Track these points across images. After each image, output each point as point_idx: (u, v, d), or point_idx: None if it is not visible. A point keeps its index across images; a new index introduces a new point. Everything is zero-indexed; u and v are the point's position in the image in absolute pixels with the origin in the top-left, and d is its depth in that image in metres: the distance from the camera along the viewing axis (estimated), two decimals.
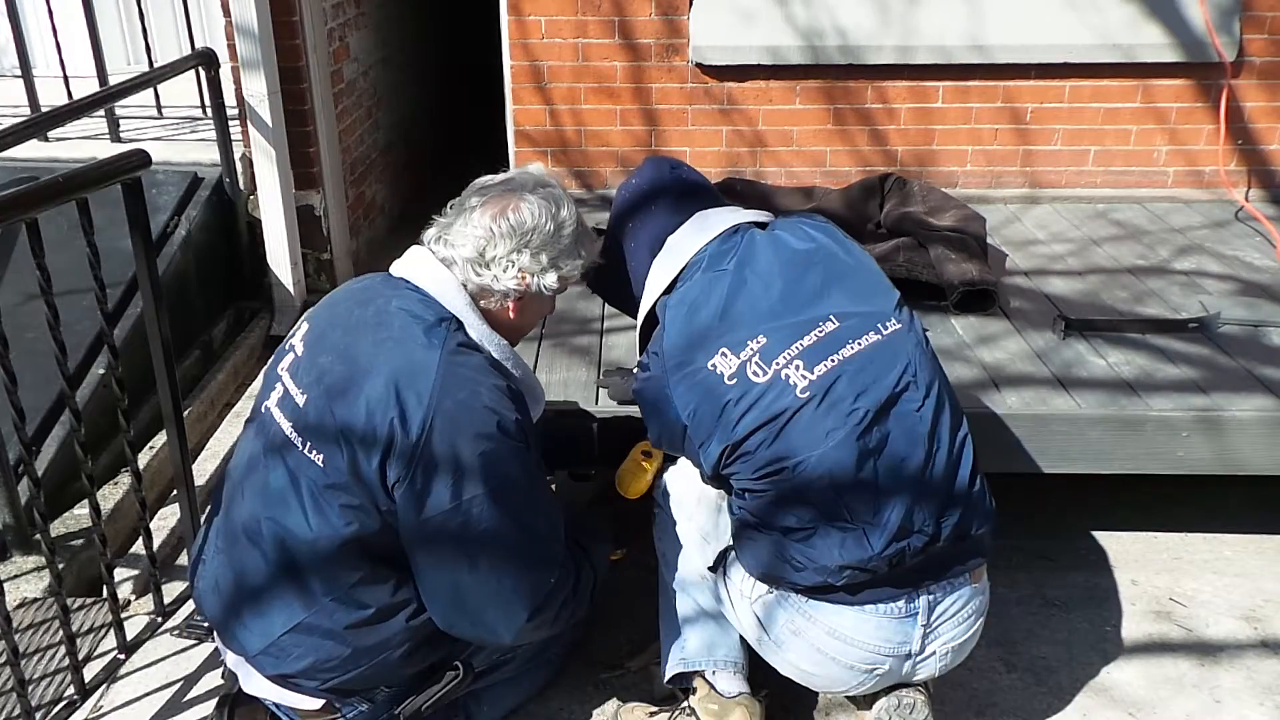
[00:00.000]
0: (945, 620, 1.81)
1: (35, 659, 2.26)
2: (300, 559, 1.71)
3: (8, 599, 2.02)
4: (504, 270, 1.80)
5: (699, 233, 1.93)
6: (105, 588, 2.24)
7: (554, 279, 1.84)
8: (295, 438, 1.72)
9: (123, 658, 2.26)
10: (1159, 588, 2.49)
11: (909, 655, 1.81)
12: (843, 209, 3.33)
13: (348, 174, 4.23)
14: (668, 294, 1.91)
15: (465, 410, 1.66)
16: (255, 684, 1.83)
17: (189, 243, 3.51)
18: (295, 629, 1.74)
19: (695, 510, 1.99)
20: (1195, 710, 2.12)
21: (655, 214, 2.00)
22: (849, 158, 3.93)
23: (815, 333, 1.76)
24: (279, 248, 3.79)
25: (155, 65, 3.88)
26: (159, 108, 4.23)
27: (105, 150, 3.27)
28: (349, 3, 4.31)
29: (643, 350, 2.00)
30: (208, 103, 3.71)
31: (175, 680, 2.19)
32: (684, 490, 2.02)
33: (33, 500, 2.09)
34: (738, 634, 1.98)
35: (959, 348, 2.67)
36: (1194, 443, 2.35)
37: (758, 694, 1.96)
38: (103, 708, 2.13)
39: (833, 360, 1.73)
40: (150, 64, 4.01)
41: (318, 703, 1.81)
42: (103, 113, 3.77)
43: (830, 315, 1.78)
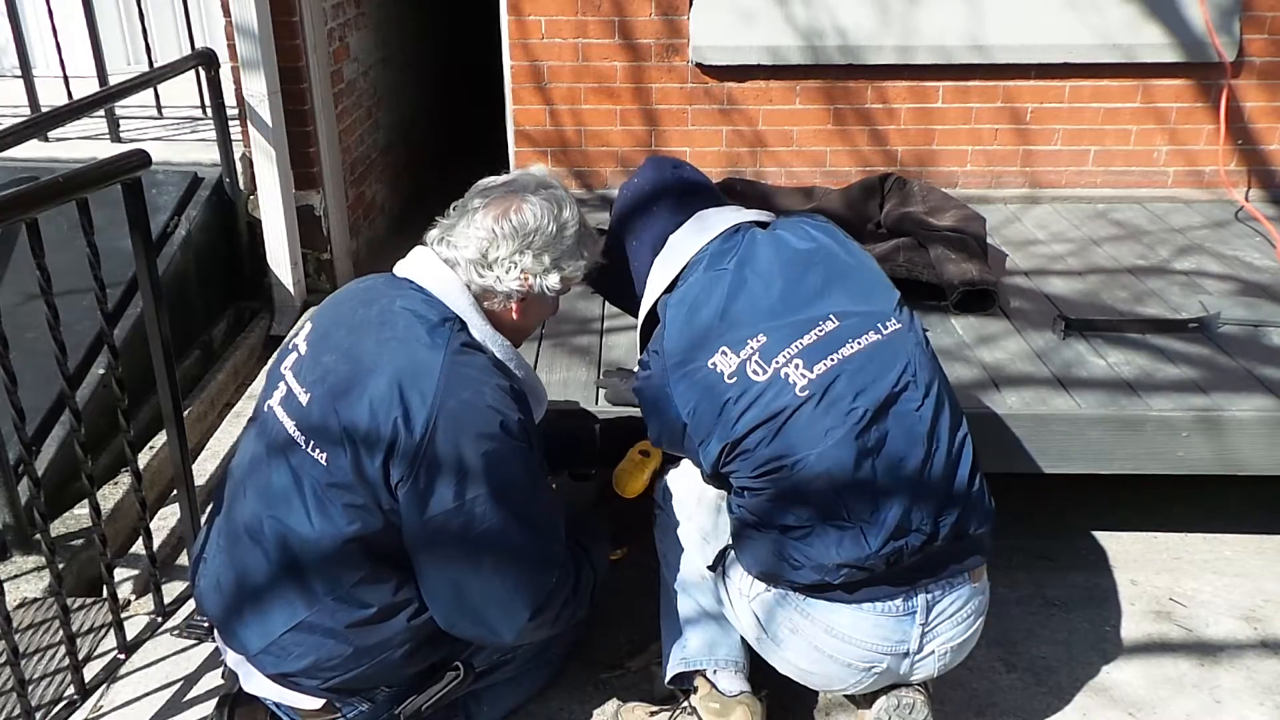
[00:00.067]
0: (944, 620, 1.81)
1: (35, 659, 2.26)
2: (302, 558, 1.71)
3: (8, 599, 2.02)
4: (507, 271, 1.81)
5: (700, 232, 1.93)
6: (105, 588, 2.24)
7: (556, 280, 1.84)
8: (298, 437, 1.73)
9: (123, 658, 2.26)
10: (1159, 588, 2.49)
11: (907, 654, 1.81)
12: (843, 209, 3.33)
13: (348, 174, 4.23)
14: (668, 293, 1.92)
15: (469, 410, 1.66)
16: (255, 683, 1.83)
17: (189, 243, 3.51)
18: (296, 628, 1.74)
19: (695, 510, 2.00)
20: (1195, 710, 2.12)
21: (657, 213, 2.00)
22: (849, 158, 3.93)
23: (815, 332, 1.76)
24: (279, 248, 3.79)
25: (155, 65, 3.88)
26: (159, 108, 4.23)
27: (105, 150, 3.28)
28: (349, 3, 4.31)
29: (643, 349, 2.00)
30: (208, 103, 3.71)
31: (175, 680, 2.19)
32: (684, 491, 2.02)
33: (33, 500, 2.09)
34: (739, 634, 1.98)
35: (959, 348, 2.67)
36: (1194, 443, 2.35)
37: (758, 693, 1.96)
38: (103, 708, 2.13)
39: (832, 359, 1.74)
40: (150, 64, 4.01)
41: (318, 702, 1.81)
42: (103, 113, 3.77)
43: (830, 314, 1.78)
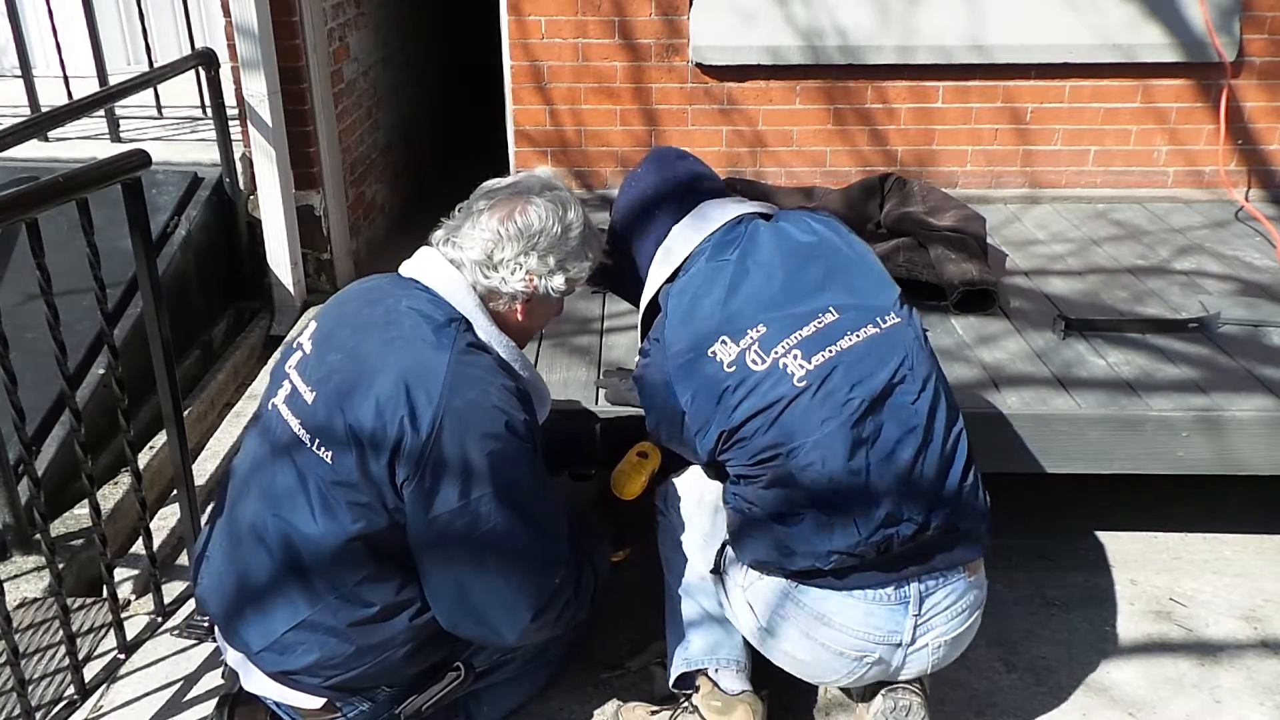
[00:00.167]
0: (938, 613, 1.81)
1: (35, 659, 2.26)
2: (306, 557, 1.72)
3: (8, 599, 2.02)
4: (512, 272, 1.81)
5: (703, 223, 1.95)
6: (105, 588, 2.24)
7: (561, 281, 1.85)
8: (304, 435, 1.73)
9: (123, 658, 2.26)
10: (1159, 588, 2.49)
11: (900, 644, 1.81)
12: (843, 209, 3.33)
13: (348, 174, 4.23)
14: (670, 283, 1.93)
15: (475, 410, 1.67)
16: (256, 682, 1.83)
17: (189, 243, 3.51)
18: (299, 626, 1.74)
19: (695, 513, 2.00)
20: (1195, 710, 2.12)
21: (661, 204, 2.01)
22: (849, 158, 3.93)
23: (814, 323, 1.78)
24: (279, 248, 3.79)
25: (155, 65, 3.89)
26: (159, 108, 4.24)
27: (105, 150, 3.28)
28: (349, 3, 4.31)
29: (644, 338, 2.01)
30: (208, 103, 3.71)
31: (175, 680, 2.19)
32: (687, 496, 2.04)
33: (33, 500, 2.09)
34: (741, 636, 1.98)
35: (959, 348, 2.67)
36: (1194, 443, 2.35)
37: (759, 693, 1.96)
38: (103, 708, 2.13)
39: (830, 351, 1.76)
40: (150, 64, 4.01)
41: (319, 701, 1.81)
42: (103, 113, 3.78)
43: (830, 307, 1.80)
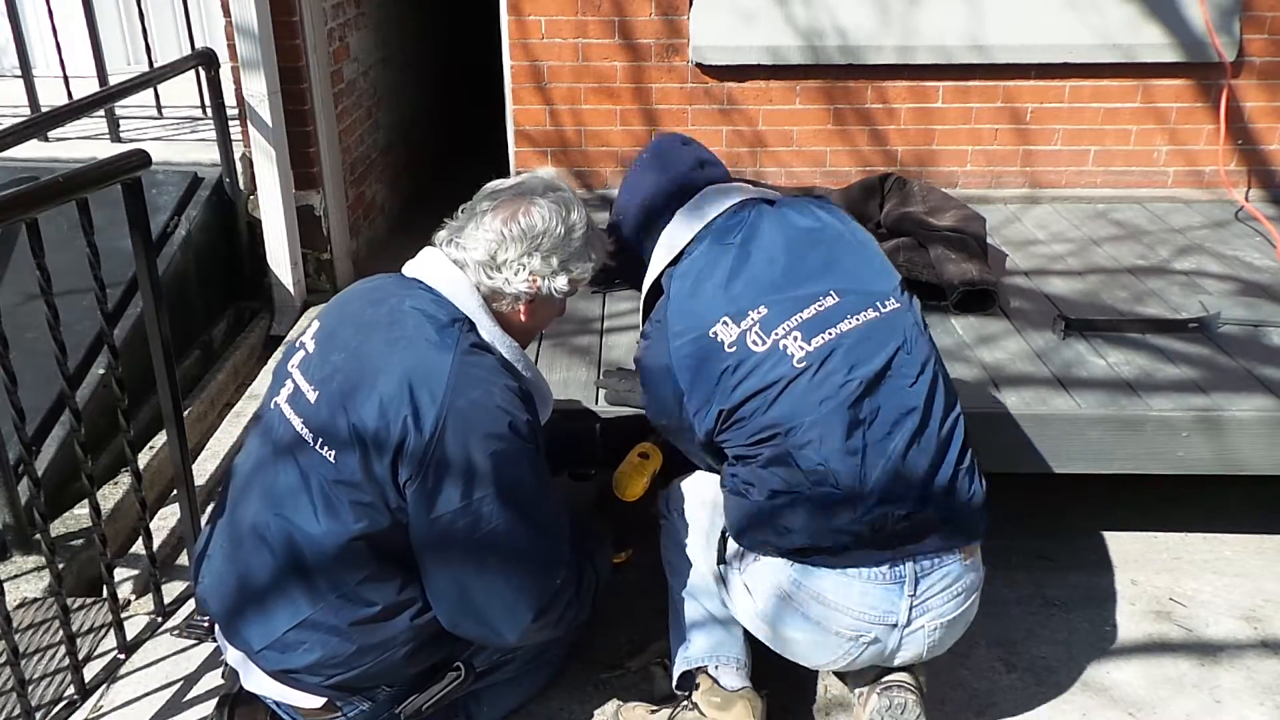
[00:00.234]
0: (933, 595, 1.82)
1: (35, 659, 2.26)
2: (308, 556, 1.72)
3: (8, 599, 2.02)
4: (515, 273, 1.82)
5: (707, 207, 1.97)
6: (105, 588, 2.24)
7: (565, 282, 1.85)
8: (307, 435, 1.73)
9: (123, 658, 2.26)
10: (1159, 588, 2.49)
11: (895, 625, 1.81)
12: (843, 208, 3.33)
13: (348, 174, 4.23)
14: (673, 265, 1.95)
15: (478, 410, 1.67)
16: (256, 681, 1.84)
17: (189, 243, 3.51)
18: (300, 625, 1.74)
19: (699, 514, 2.01)
20: (1195, 710, 2.12)
21: (665, 188, 2.02)
22: (849, 158, 3.93)
23: (815, 306, 1.80)
24: (279, 248, 3.79)
25: (155, 65, 3.89)
26: (159, 108, 4.24)
27: (105, 150, 3.28)
28: (349, 3, 4.31)
29: (645, 321, 2.03)
30: (208, 103, 3.71)
31: (175, 680, 2.19)
32: (689, 496, 2.05)
33: (33, 500, 2.09)
34: (742, 635, 1.99)
35: (959, 348, 2.67)
36: (1194, 443, 2.35)
37: (759, 691, 1.96)
38: (103, 708, 2.13)
39: (830, 333, 1.78)
40: (150, 64, 4.01)
41: (319, 701, 1.81)
42: (103, 113, 3.78)
43: (831, 291, 1.82)
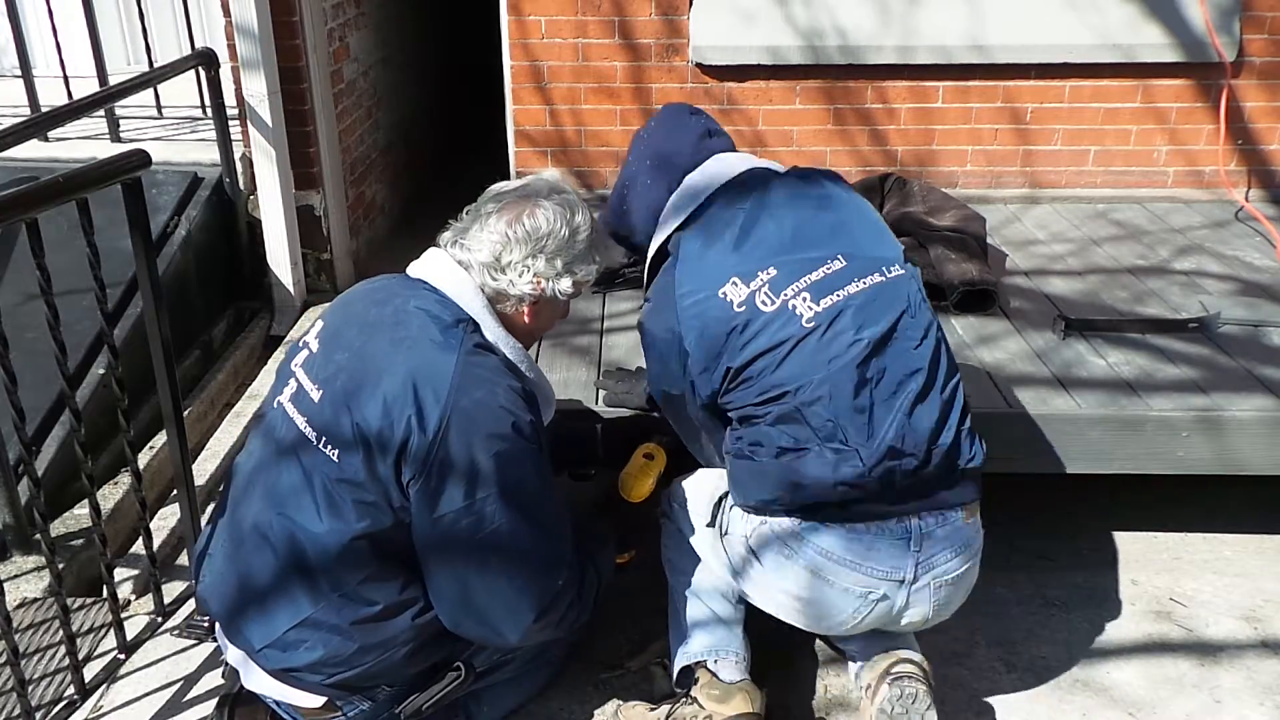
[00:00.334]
0: (938, 552, 1.83)
1: (35, 659, 2.26)
2: (310, 555, 1.72)
3: (8, 599, 2.02)
4: (519, 275, 1.82)
5: (716, 172, 1.99)
6: (105, 588, 2.24)
7: (569, 284, 1.86)
8: (310, 434, 1.74)
9: (123, 658, 2.26)
10: (1159, 588, 2.49)
11: (902, 581, 1.83)
12: None
13: (348, 174, 4.23)
14: (681, 229, 1.96)
15: (481, 410, 1.68)
16: (257, 680, 1.84)
17: (189, 243, 3.51)
18: (301, 624, 1.74)
19: (701, 509, 2.02)
20: (1195, 710, 2.12)
21: (673, 154, 2.04)
22: (849, 158, 3.93)
23: (823, 269, 1.83)
24: (279, 248, 3.79)
25: (155, 65, 3.89)
26: (159, 108, 4.24)
27: (105, 150, 3.28)
28: (349, 3, 4.31)
29: (649, 284, 2.04)
30: (208, 103, 3.71)
31: (175, 680, 2.19)
32: (692, 495, 2.05)
33: (33, 500, 2.09)
34: (743, 632, 2.00)
35: (959, 348, 2.67)
36: (1194, 443, 2.35)
37: (759, 685, 1.97)
38: (103, 708, 2.13)
39: (838, 295, 1.81)
40: (150, 64, 4.01)
41: (319, 700, 1.81)
42: (103, 113, 3.78)
43: (838, 255, 1.85)
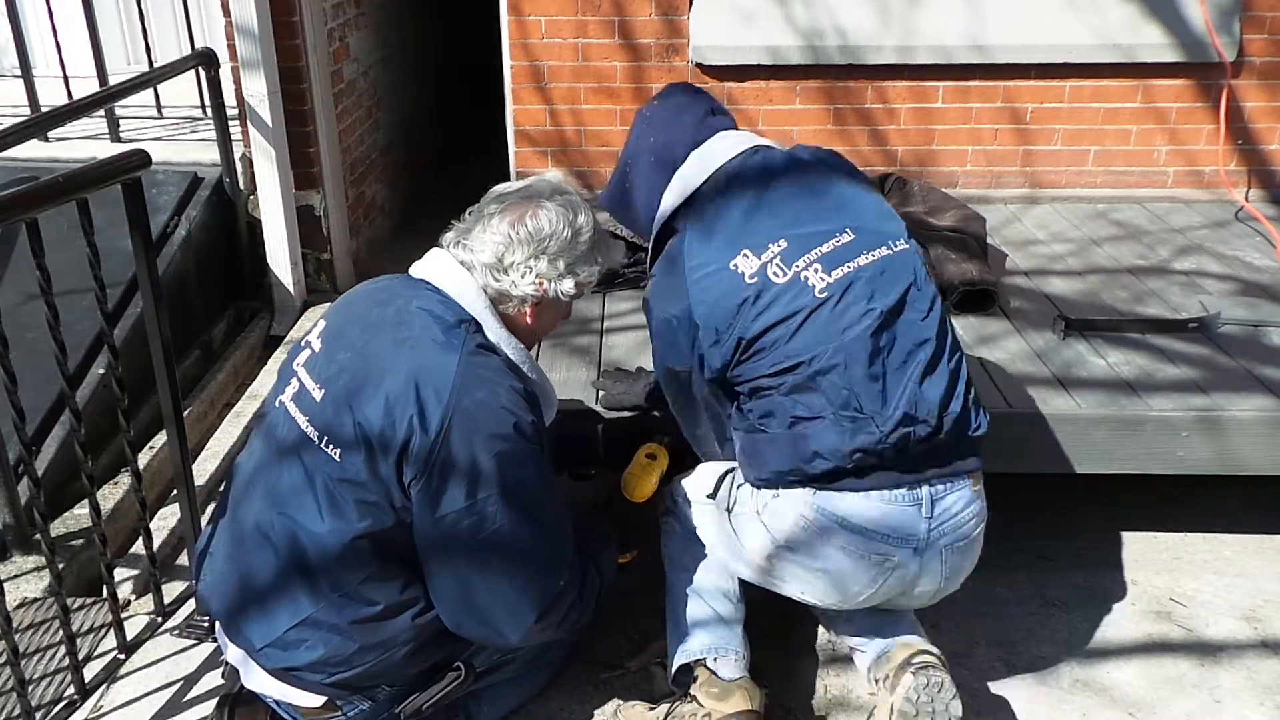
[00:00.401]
0: (948, 518, 1.85)
1: (35, 659, 2.26)
2: (311, 554, 1.72)
3: (8, 599, 2.02)
4: (522, 276, 1.82)
5: (721, 149, 1.99)
6: (105, 588, 2.24)
7: (571, 285, 1.86)
8: (312, 433, 1.74)
9: (123, 658, 2.26)
10: (1159, 588, 2.49)
11: (916, 548, 1.84)
12: None
13: (348, 174, 4.23)
14: (686, 205, 1.97)
15: (483, 410, 1.68)
16: (257, 679, 1.84)
17: (189, 243, 3.51)
18: (302, 623, 1.74)
19: (708, 486, 2.03)
20: (1195, 710, 2.12)
21: (676, 131, 2.04)
22: (849, 158, 3.91)
23: (833, 241, 1.86)
24: (279, 248, 3.79)
25: (155, 65, 3.89)
26: (159, 108, 4.24)
27: (105, 150, 3.28)
28: (349, 3, 4.31)
29: (654, 260, 2.05)
30: (208, 103, 3.71)
31: (175, 680, 2.19)
32: (691, 489, 2.06)
33: (33, 500, 2.09)
34: (742, 631, 2.00)
35: None
36: (1194, 443, 2.35)
37: (759, 682, 1.97)
38: (103, 708, 2.13)
39: (849, 266, 1.84)
40: (150, 64, 4.01)
41: (319, 700, 1.81)
42: (103, 113, 3.78)
43: (846, 228, 1.88)
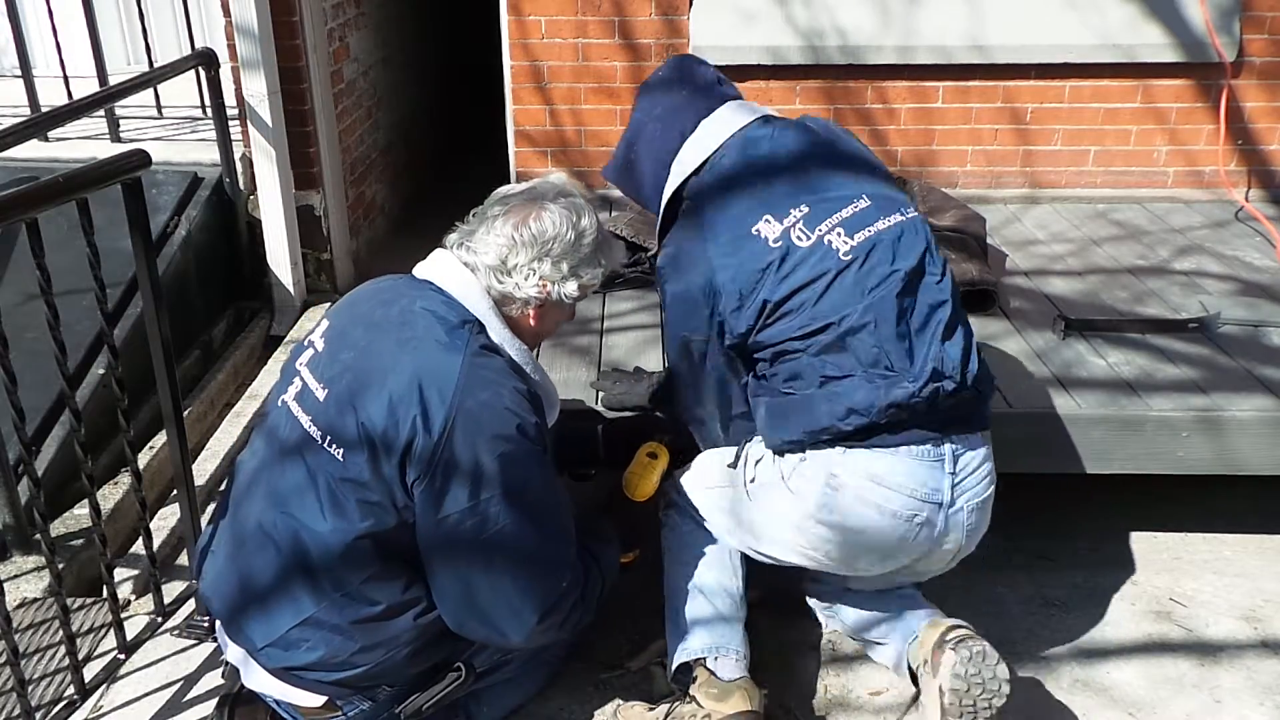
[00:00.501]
0: (967, 474, 1.88)
1: (35, 659, 2.26)
2: (313, 554, 1.72)
3: (8, 599, 2.02)
4: (525, 278, 1.82)
5: (732, 118, 2.00)
6: (105, 588, 2.24)
7: (574, 287, 1.86)
8: (315, 433, 1.74)
9: (123, 658, 2.26)
10: (1159, 588, 2.49)
11: (941, 504, 1.86)
12: None
13: (348, 174, 4.23)
14: (696, 174, 1.98)
15: (487, 411, 1.68)
16: (257, 679, 1.84)
17: (189, 243, 3.51)
18: (303, 623, 1.74)
19: (719, 466, 2.05)
20: (1195, 710, 2.12)
21: (688, 100, 2.05)
22: None
23: (851, 207, 1.89)
24: (279, 248, 3.79)
25: (155, 65, 3.89)
26: (159, 108, 4.23)
27: (105, 150, 3.28)
28: (349, 3, 4.31)
29: (664, 231, 2.06)
30: (208, 103, 3.71)
31: (175, 680, 2.19)
32: (693, 484, 2.07)
33: (33, 500, 2.09)
34: (743, 629, 2.00)
35: None
36: (1194, 443, 2.35)
37: (759, 683, 1.97)
38: (103, 708, 2.13)
39: (869, 230, 1.87)
40: (150, 64, 4.01)
41: (319, 699, 1.81)
42: (103, 113, 3.77)
43: (863, 194, 1.91)
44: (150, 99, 4.15)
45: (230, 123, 3.66)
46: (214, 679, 2.16)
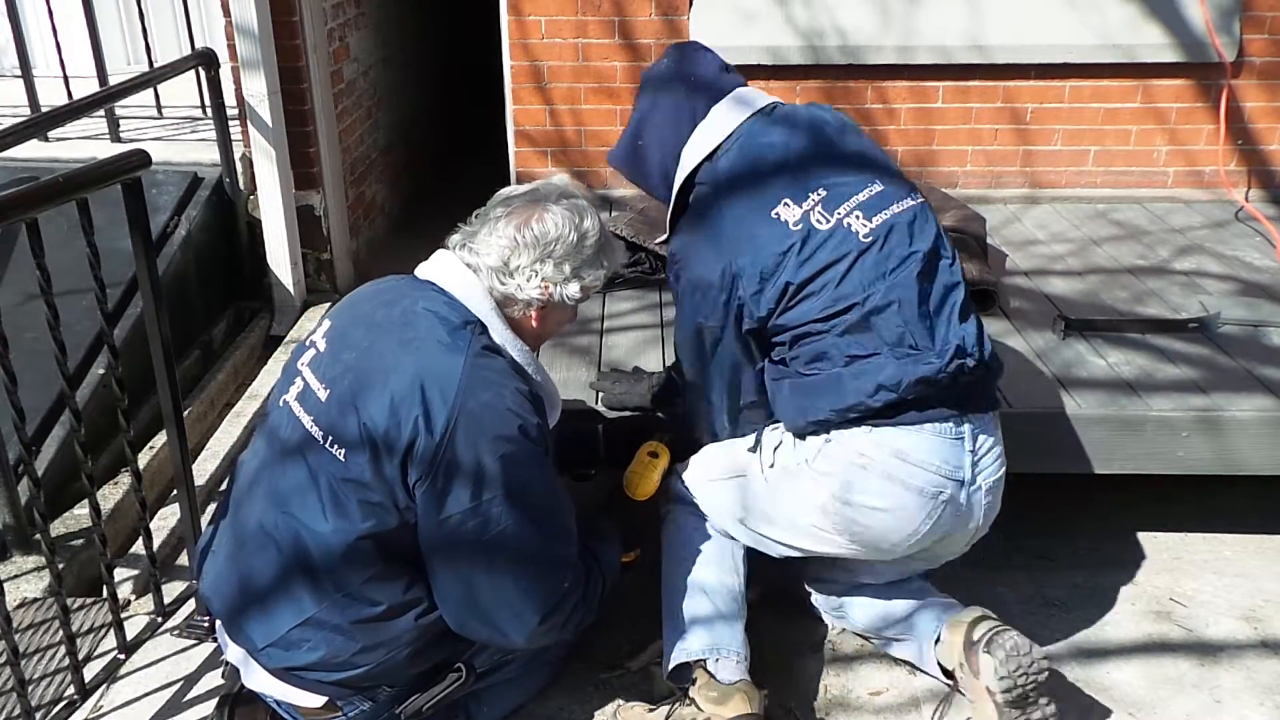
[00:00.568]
0: (985, 452, 1.92)
1: (35, 659, 2.26)
2: (315, 554, 1.72)
3: (8, 599, 2.02)
4: (528, 280, 1.82)
5: (741, 105, 2.01)
6: (105, 588, 2.24)
7: (577, 289, 1.86)
8: (317, 433, 1.74)
9: (123, 658, 2.26)
10: (1159, 588, 2.49)
11: (963, 482, 1.88)
12: None
13: (348, 174, 4.23)
14: (709, 160, 1.99)
15: (488, 412, 1.68)
16: (257, 679, 1.84)
17: (189, 243, 3.51)
18: (304, 623, 1.74)
19: (706, 489, 2.05)
20: (1195, 710, 2.12)
21: (695, 87, 2.05)
22: None
23: (866, 191, 1.92)
24: (279, 248, 3.79)
25: (155, 65, 3.89)
26: (159, 108, 4.24)
27: (105, 150, 3.28)
28: (349, 3, 4.31)
29: (675, 217, 2.05)
30: (208, 103, 3.71)
31: (175, 680, 2.19)
32: (692, 479, 2.08)
33: (33, 500, 2.09)
34: (743, 629, 2.00)
35: None
36: (1194, 443, 2.35)
37: (758, 685, 1.97)
38: (103, 708, 2.13)
39: (887, 213, 1.91)
40: (150, 64, 4.01)
41: (319, 700, 1.81)
42: (103, 113, 3.78)
43: (876, 179, 1.95)
44: (150, 99, 4.15)
45: (230, 123, 3.66)
46: (214, 679, 2.16)
